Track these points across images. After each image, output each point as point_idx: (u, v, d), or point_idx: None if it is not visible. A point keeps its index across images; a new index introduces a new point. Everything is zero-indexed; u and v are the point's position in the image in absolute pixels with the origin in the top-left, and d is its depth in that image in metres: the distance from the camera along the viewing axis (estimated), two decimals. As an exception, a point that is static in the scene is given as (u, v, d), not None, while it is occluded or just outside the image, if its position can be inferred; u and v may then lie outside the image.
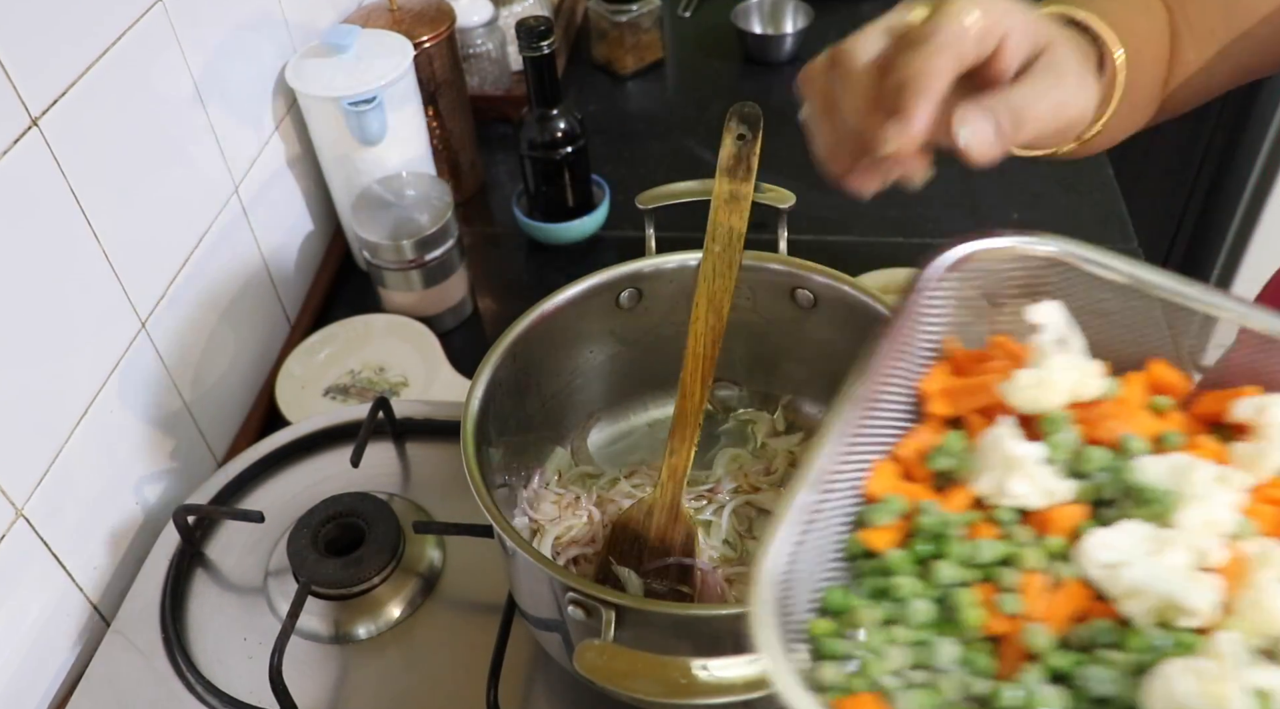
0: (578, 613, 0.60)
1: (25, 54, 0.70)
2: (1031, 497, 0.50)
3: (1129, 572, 0.47)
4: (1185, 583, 0.46)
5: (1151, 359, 0.55)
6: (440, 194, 1.06)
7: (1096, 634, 0.47)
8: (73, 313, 0.78)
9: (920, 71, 0.51)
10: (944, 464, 0.52)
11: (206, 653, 0.78)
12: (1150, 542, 0.48)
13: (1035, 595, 0.48)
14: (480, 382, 0.71)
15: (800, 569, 0.48)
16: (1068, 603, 0.48)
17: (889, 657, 0.47)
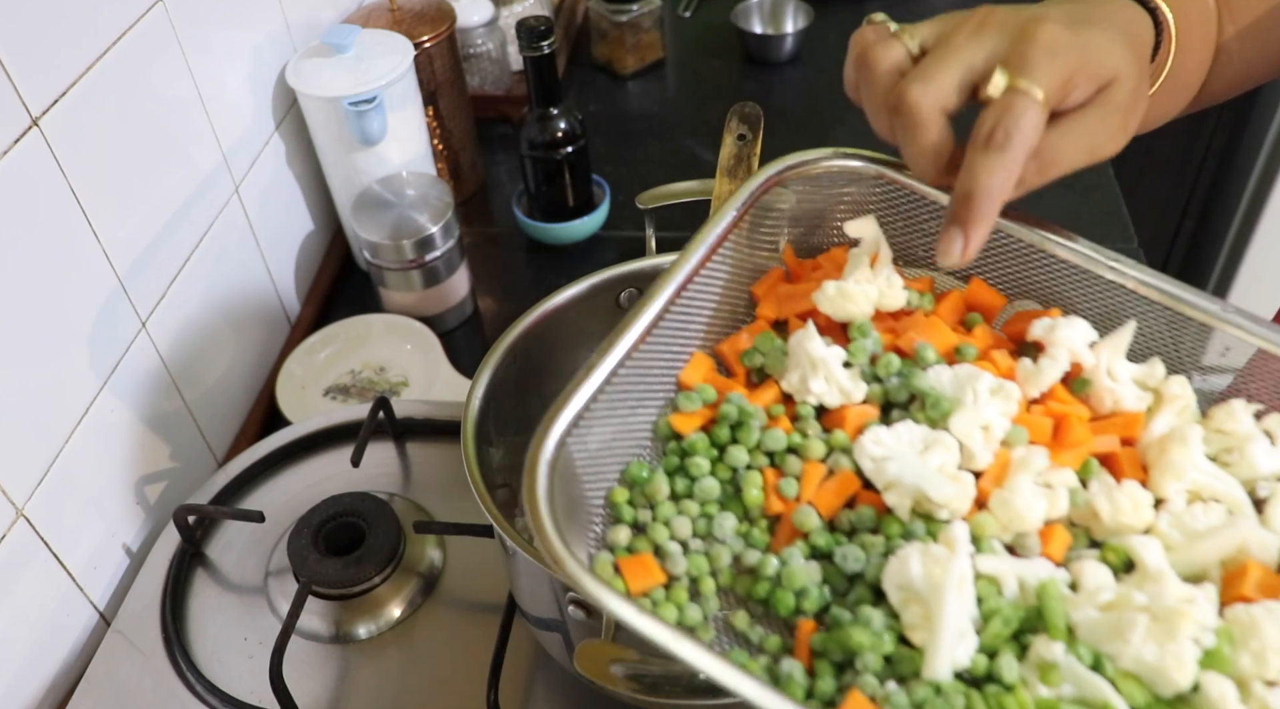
0: (578, 613, 0.60)
1: (26, 54, 0.70)
2: (828, 395, 0.57)
3: (892, 466, 0.53)
4: (936, 479, 0.52)
5: (974, 279, 0.62)
6: (440, 194, 1.06)
7: (860, 519, 0.54)
8: (73, 313, 0.78)
9: (988, 191, 0.51)
10: (755, 361, 0.60)
11: (207, 653, 0.78)
12: (920, 442, 0.54)
13: (812, 482, 0.55)
14: (481, 381, 0.71)
15: (612, 446, 0.57)
16: (840, 491, 0.55)
17: (674, 525, 0.55)
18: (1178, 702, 0.46)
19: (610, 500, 0.57)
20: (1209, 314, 0.55)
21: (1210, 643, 0.46)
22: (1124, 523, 0.52)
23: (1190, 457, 0.53)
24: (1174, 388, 0.56)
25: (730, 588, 0.54)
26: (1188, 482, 0.53)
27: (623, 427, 0.58)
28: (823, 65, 1.48)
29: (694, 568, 0.54)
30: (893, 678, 0.48)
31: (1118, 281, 0.57)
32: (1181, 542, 0.51)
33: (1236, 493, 0.53)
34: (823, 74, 1.46)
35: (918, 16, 0.57)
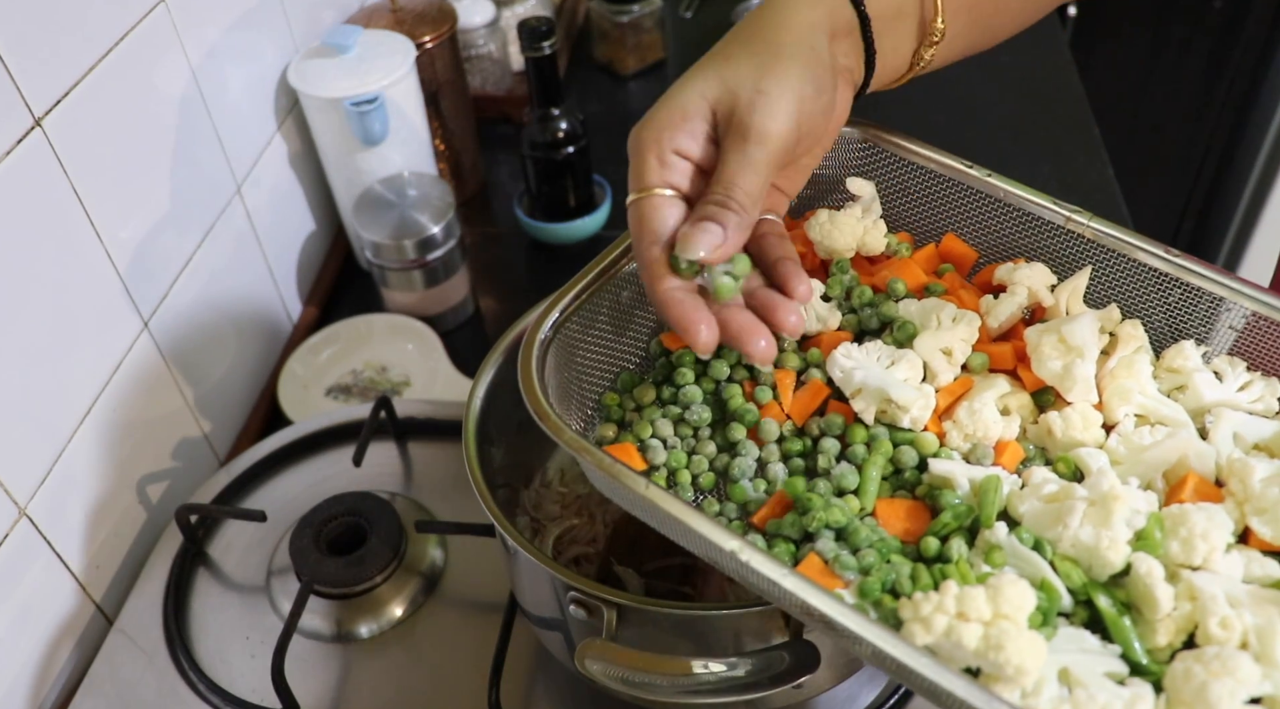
0: (579, 612, 0.60)
1: (28, 55, 0.70)
2: (807, 322, 0.62)
3: (859, 373, 0.58)
4: (900, 385, 0.58)
5: (948, 233, 0.68)
6: (442, 194, 1.06)
7: (829, 425, 0.59)
8: (75, 313, 0.78)
9: (649, 291, 0.54)
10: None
11: (209, 652, 0.78)
12: (887, 358, 0.60)
13: (785, 390, 0.61)
14: (482, 381, 0.71)
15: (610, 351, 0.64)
16: (811, 398, 0.61)
17: (657, 425, 0.61)
18: (1111, 584, 0.50)
19: (603, 402, 0.63)
20: (1159, 258, 0.59)
21: (1140, 524, 0.50)
22: (1075, 438, 0.56)
23: (1137, 382, 0.57)
24: (1129, 329, 0.60)
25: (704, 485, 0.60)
26: (1135, 405, 0.57)
27: (619, 336, 0.64)
28: (823, 65, 1.48)
29: (672, 461, 0.60)
30: (845, 549, 0.52)
31: (1074, 230, 0.62)
32: (1127, 456, 0.55)
33: (1182, 417, 0.57)
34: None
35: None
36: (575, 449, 0.54)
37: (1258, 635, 0.47)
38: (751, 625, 0.60)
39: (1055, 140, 1.32)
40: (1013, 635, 0.45)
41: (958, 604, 0.46)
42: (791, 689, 0.58)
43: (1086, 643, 0.48)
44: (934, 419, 0.58)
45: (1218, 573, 0.49)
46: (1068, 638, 0.48)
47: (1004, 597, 0.46)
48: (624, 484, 0.52)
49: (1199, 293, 0.59)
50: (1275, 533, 0.51)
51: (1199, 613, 0.48)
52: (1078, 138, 1.31)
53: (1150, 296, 0.61)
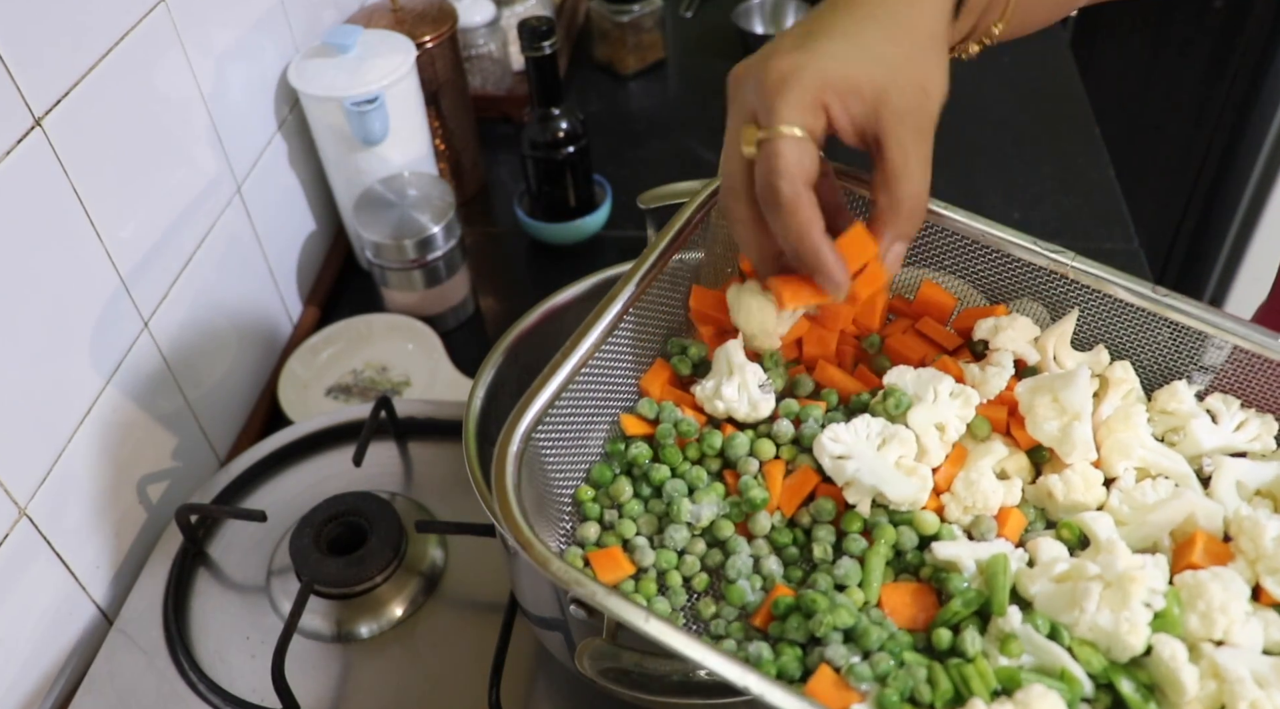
0: (580, 612, 0.60)
1: (29, 54, 0.70)
2: (737, 404, 0.60)
3: (850, 464, 0.56)
4: (894, 477, 0.55)
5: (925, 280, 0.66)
6: (442, 194, 1.06)
7: (820, 512, 0.57)
8: (76, 313, 0.78)
9: (799, 236, 0.52)
10: (682, 368, 0.64)
11: (209, 652, 0.78)
12: (878, 436, 0.56)
13: (775, 480, 0.58)
14: (482, 381, 0.71)
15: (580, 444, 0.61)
16: (802, 486, 0.58)
17: (640, 522, 0.59)
18: (1132, 665, 0.48)
19: (576, 498, 0.60)
20: (1144, 298, 0.58)
21: (1160, 605, 0.48)
22: (1077, 501, 0.55)
23: (1136, 435, 0.56)
24: (1118, 372, 0.59)
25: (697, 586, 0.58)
26: (1135, 459, 0.56)
27: (588, 426, 0.62)
28: (824, 65, 1.48)
29: (662, 561, 0.57)
30: (856, 654, 0.50)
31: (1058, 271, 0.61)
32: (1132, 516, 0.54)
33: (1182, 468, 0.56)
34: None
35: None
36: (566, 582, 0.50)
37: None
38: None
39: (1056, 140, 1.32)
40: None
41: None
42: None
43: None
44: (931, 495, 0.57)
45: (1239, 645, 0.48)
46: None
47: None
48: (626, 621, 0.49)
49: (1186, 331, 0.58)
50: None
51: (1228, 697, 0.46)
52: (1078, 138, 1.31)
53: (1137, 335, 0.60)
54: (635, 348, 0.64)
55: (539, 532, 0.52)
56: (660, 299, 0.66)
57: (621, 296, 0.60)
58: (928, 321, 0.65)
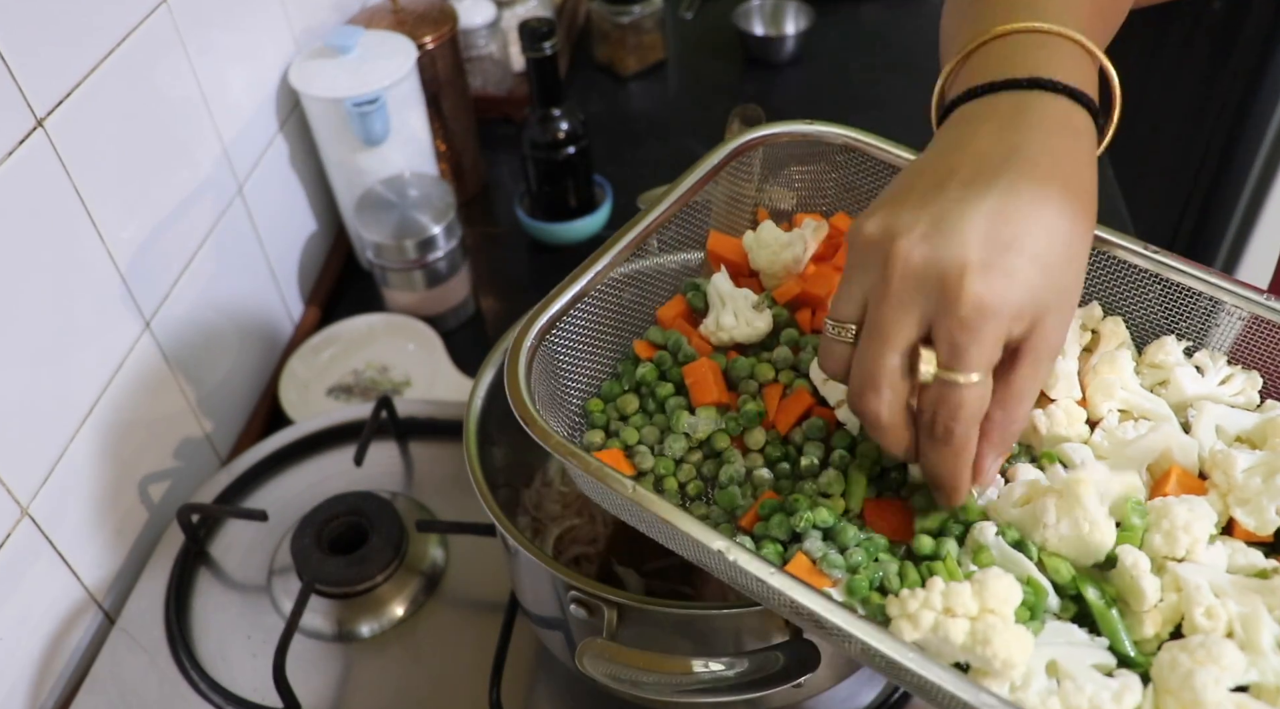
0: (580, 611, 0.60)
1: (30, 55, 0.70)
2: (737, 329, 0.63)
3: (842, 385, 0.55)
4: None
5: None
6: (443, 194, 1.06)
7: (811, 429, 0.60)
8: (77, 313, 0.78)
9: (949, 478, 0.51)
10: (696, 302, 0.67)
11: (210, 651, 0.78)
12: None
13: (772, 400, 0.61)
14: (482, 381, 0.71)
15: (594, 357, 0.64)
16: (797, 407, 0.61)
17: (643, 432, 0.62)
18: (1099, 576, 0.50)
19: (587, 409, 0.64)
20: (1137, 255, 0.59)
21: (1114, 492, 0.51)
22: (1059, 434, 0.56)
23: (1120, 377, 0.58)
24: (1110, 326, 0.60)
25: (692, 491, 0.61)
26: (1118, 400, 0.57)
27: (601, 343, 0.66)
28: (823, 66, 1.48)
29: (660, 467, 0.61)
30: (833, 549, 0.53)
31: None
32: (1111, 450, 0.56)
33: (1164, 411, 0.57)
34: (823, 75, 1.47)
35: (920, 18, 0.57)
36: (563, 454, 0.54)
37: (1242, 624, 0.47)
38: (752, 625, 0.60)
39: (1055, 141, 1.32)
40: (999, 630, 0.45)
41: (944, 600, 0.46)
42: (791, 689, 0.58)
43: (1074, 636, 0.48)
44: None
45: (1202, 564, 0.50)
46: (1055, 631, 0.49)
47: (990, 591, 0.46)
48: (611, 487, 0.52)
49: (1177, 288, 0.59)
50: (1259, 523, 0.51)
51: (1184, 603, 0.48)
52: (1077, 138, 1.31)
53: (1130, 293, 0.61)
54: (654, 282, 0.68)
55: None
56: (683, 239, 0.69)
57: (643, 223, 0.64)
58: None
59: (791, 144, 0.69)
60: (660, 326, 0.67)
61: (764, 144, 0.69)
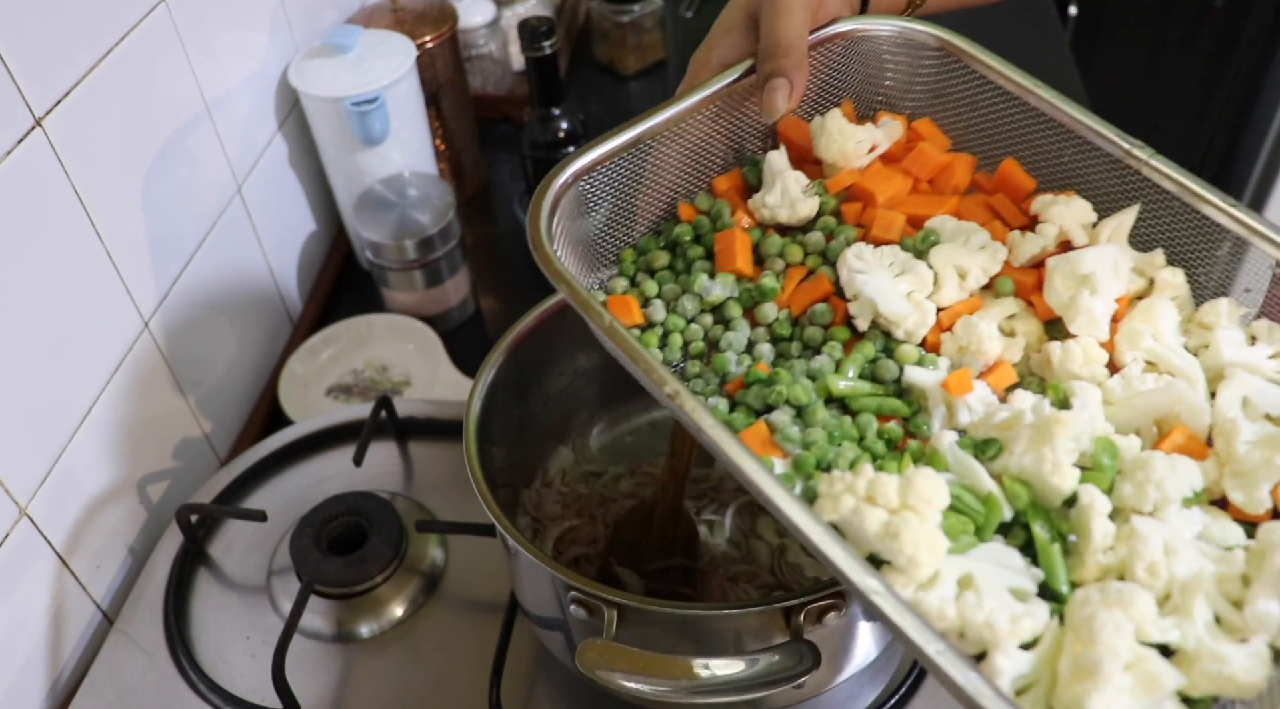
0: (580, 612, 0.60)
1: (29, 55, 0.70)
2: (781, 209, 0.63)
3: (861, 278, 0.58)
4: (894, 298, 0.57)
5: (1007, 159, 0.64)
6: (442, 194, 1.06)
7: (816, 313, 0.60)
8: (76, 312, 0.78)
9: None
10: (751, 177, 0.66)
11: (209, 652, 0.78)
12: (899, 265, 0.59)
13: (792, 280, 0.61)
14: (482, 381, 0.71)
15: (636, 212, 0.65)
16: (813, 292, 0.61)
17: (664, 288, 0.62)
18: (1059, 515, 0.49)
19: (620, 257, 0.65)
20: (1214, 207, 0.56)
21: (1084, 446, 0.50)
22: (1072, 371, 0.55)
23: (1153, 327, 0.55)
24: (1166, 275, 0.57)
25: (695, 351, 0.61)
26: (1144, 351, 0.55)
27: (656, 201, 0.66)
28: (824, 65, 1.48)
29: (670, 323, 0.61)
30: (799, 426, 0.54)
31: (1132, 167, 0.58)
32: (1122, 398, 0.53)
33: (1193, 371, 0.54)
34: (824, 74, 1.46)
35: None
36: (557, 280, 0.54)
37: (1182, 589, 0.46)
38: (752, 625, 0.60)
39: (1056, 140, 1.32)
40: (913, 527, 0.45)
41: (868, 488, 0.46)
42: (791, 689, 0.58)
43: (1008, 560, 0.47)
44: (934, 332, 0.57)
45: (1168, 524, 0.48)
46: (991, 552, 0.48)
47: (914, 488, 0.46)
48: (590, 318, 0.53)
49: (1250, 249, 0.55)
50: (1248, 499, 0.49)
51: (1129, 555, 0.47)
52: (1078, 138, 1.31)
53: (1201, 248, 0.57)
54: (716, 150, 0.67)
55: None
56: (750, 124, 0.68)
57: (714, 86, 0.64)
58: (1001, 198, 0.64)
59: (883, 41, 0.67)
60: (711, 195, 0.66)
61: (855, 36, 0.67)
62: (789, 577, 0.74)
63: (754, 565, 0.75)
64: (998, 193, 0.64)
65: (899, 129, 0.66)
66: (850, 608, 0.59)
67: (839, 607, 0.58)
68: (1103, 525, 0.47)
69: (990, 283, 0.59)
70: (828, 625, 0.59)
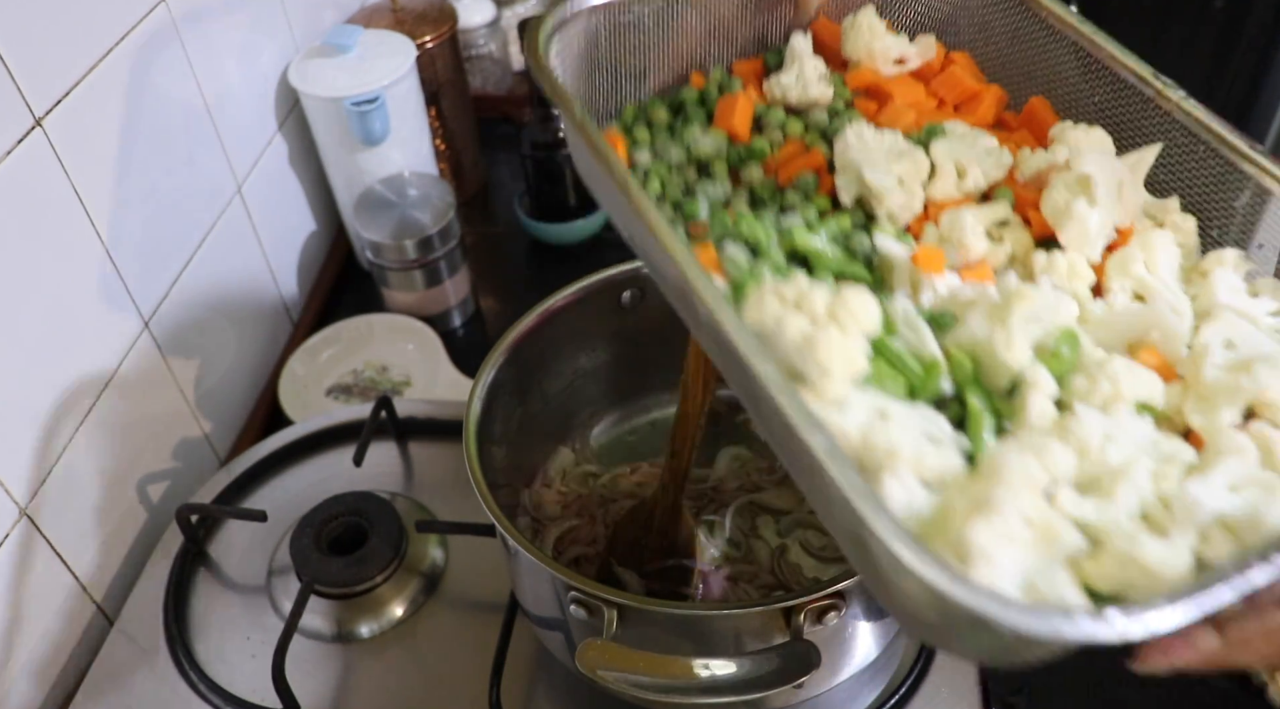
0: (580, 612, 0.60)
1: (29, 54, 0.70)
2: (793, 90, 0.62)
3: (853, 152, 0.56)
4: (880, 172, 0.55)
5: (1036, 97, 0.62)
6: (442, 194, 1.06)
7: (801, 182, 0.58)
8: (76, 312, 0.78)
9: None
10: (771, 61, 0.65)
11: (209, 652, 0.78)
12: (897, 149, 0.56)
13: (788, 153, 0.60)
14: (482, 381, 0.71)
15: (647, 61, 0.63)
16: (803, 161, 0.59)
17: (657, 137, 0.61)
18: (1003, 398, 0.46)
19: (621, 110, 0.63)
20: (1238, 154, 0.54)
21: (1037, 329, 0.47)
22: (1052, 281, 0.52)
23: (1147, 256, 0.52)
24: (1177, 218, 0.55)
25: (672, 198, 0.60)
26: (1133, 279, 0.52)
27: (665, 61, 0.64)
28: (824, 65, 1.48)
29: (654, 169, 0.60)
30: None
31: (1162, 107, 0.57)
32: (1098, 316, 0.51)
33: (1182, 306, 0.51)
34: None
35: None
36: (556, 95, 0.53)
37: (1111, 475, 0.42)
38: (752, 625, 0.60)
39: (1056, 140, 1.31)
40: (832, 339, 0.42)
41: (797, 293, 0.44)
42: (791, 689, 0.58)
43: (935, 423, 0.44)
44: (918, 222, 0.56)
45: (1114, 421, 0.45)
46: (918, 410, 0.45)
47: (843, 300, 0.44)
48: (574, 124, 0.52)
49: (1271, 201, 0.53)
50: (1207, 422, 0.46)
51: (1062, 434, 0.44)
52: (1078, 138, 1.31)
53: (1218, 199, 0.55)
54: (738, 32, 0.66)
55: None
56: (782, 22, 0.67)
57: None
58: (1024, 134, 0.62)
59: None
60: (729, 74, 0.65)
61: None
62: (789, 577, 0.74)
63: (754, 565, 0.75)
64: (1021, 129, 0.62)
65: (932, 48, 0.63)
66: (850, 608, 0.59)
67: (839, 606, 0.58)
68: (1041, 404, 0.44)
69: (990, 191, 0.57)
70: (828, 625, 0.59)
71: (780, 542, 0.76)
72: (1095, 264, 0.53)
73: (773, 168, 0.59)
